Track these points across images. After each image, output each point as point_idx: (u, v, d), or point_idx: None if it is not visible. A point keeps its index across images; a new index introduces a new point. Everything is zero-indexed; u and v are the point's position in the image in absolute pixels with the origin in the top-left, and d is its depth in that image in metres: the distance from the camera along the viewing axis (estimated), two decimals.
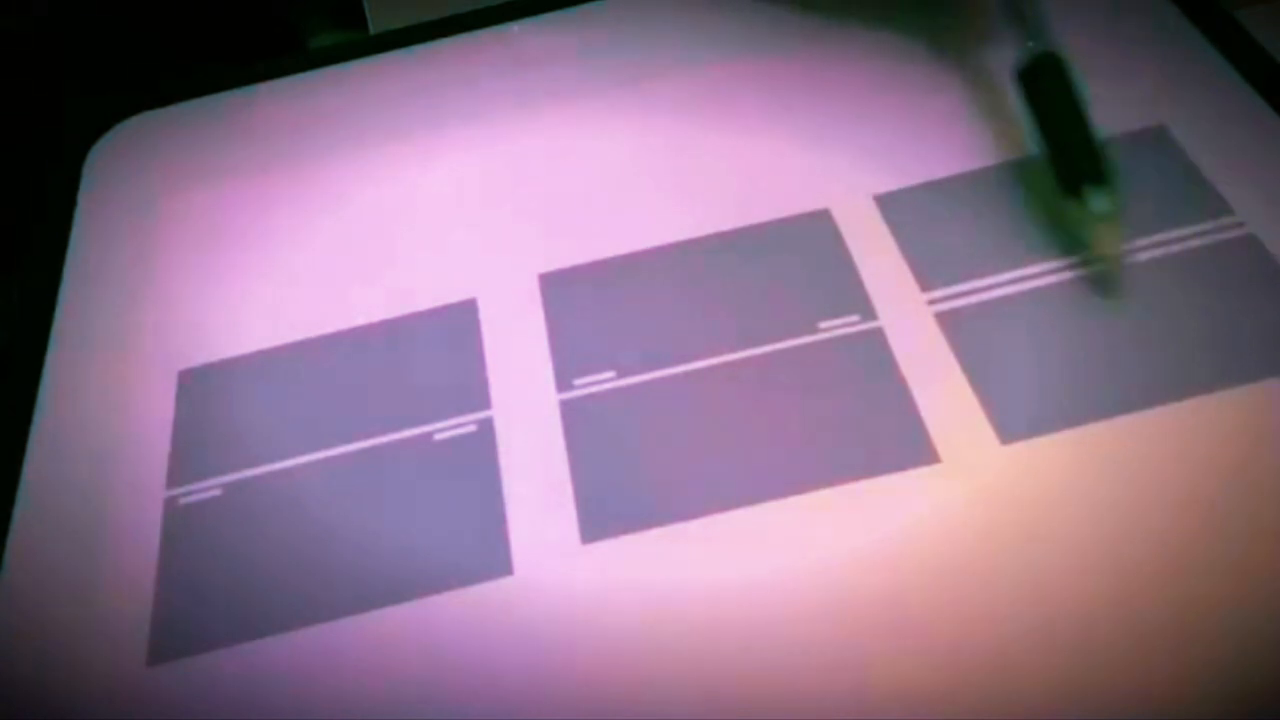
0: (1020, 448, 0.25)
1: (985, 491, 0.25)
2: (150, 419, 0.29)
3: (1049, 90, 0.29)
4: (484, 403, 0.28)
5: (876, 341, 0.27)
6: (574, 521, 0.25)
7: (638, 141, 0.33)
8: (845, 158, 0.31)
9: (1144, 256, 0.28)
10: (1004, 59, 0.32)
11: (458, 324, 0.30)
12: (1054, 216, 0.29)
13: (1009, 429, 0.25)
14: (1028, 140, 0.31)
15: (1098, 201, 0.27)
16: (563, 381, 0.28)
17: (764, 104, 0.33)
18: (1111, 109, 0.31)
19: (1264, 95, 0.31)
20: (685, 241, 0.30)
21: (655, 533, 0.25)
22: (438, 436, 0.27)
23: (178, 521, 0.27)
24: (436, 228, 0.32)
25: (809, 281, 0.29)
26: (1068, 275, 0.28)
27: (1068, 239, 0.28)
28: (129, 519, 0.27)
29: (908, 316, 0.28)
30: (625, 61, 0.35)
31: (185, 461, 0.28)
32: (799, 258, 0.29)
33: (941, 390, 0.26)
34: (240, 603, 0.25)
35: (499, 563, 0.25)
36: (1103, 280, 0.27)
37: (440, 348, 0.29)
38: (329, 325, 0.30)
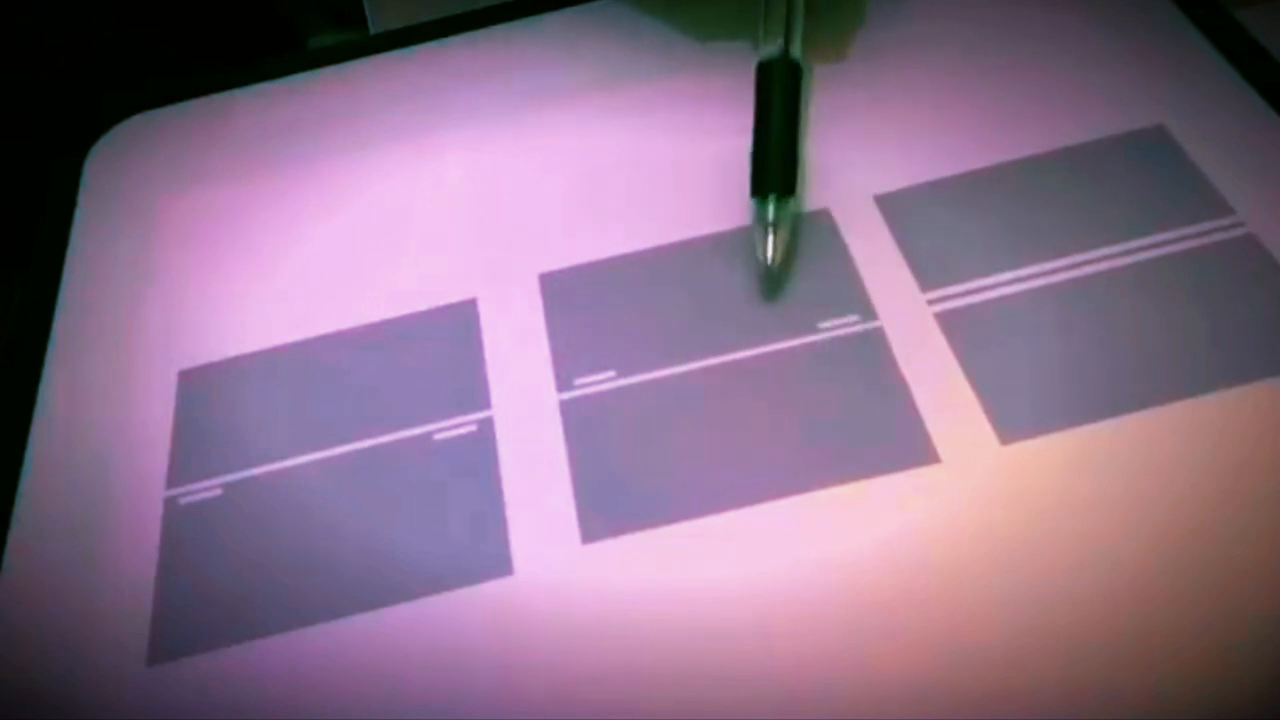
0: (1020, 448, 0.25)
1: (985, 491, 0.25)
2: (150, 419, 0.29)
3: (775, 94, 0.30)
4: (484, 403, 0.28)
5: (876, 341, 0.27)
6: (574, 521, 0.25)
7: (638, 141, 0.33)
8: (845, 158, 0.31)
9: (1144, 256, 0.28)
10: (1002, 59, 0.32)
11: (458, 324, 0.30)
12: (1053, 216, 0.29)
13: (1009, 429, 0.25)
14: (1028, 140, 0.31)
15: (770, 211, 0.29)
16: (563, 381, 0.28)
17: None
18: (1111, 109, 0.31)
19: (1264, 95, 0.31)
20: (685, 241, 0.30)
21: (655, 533, 0.25)
22: (438, 436, 0.27)
23: (178, 521, 0.27)
24: (436, 228, 0.32)
25: (809, 281, 0.29)
26: (1068, 275, 0.28)
27: (1067, 239, 0.28)
28: (129, 519, 0.27)
29: (908, 316, 0.28)
30: (626, 61, 0.35)
31: (185, 461, 0.28)
32: (799, 257, 0.29)
33: (941, 390, 0.26)
34: (240, 603, 0.25)
35: (499, 563, 0.25)
36: (765, 282, 0.29)
37: (440, 348, 0.29)
38: (329, 325, 0.30)
